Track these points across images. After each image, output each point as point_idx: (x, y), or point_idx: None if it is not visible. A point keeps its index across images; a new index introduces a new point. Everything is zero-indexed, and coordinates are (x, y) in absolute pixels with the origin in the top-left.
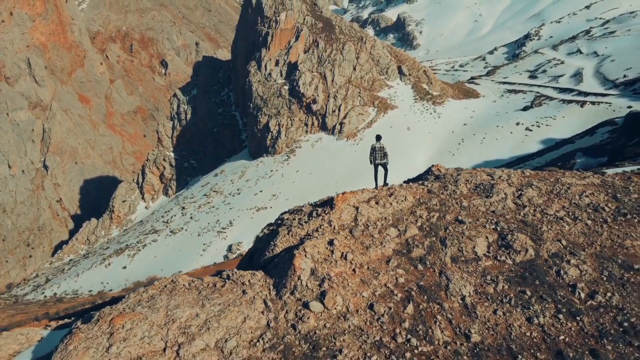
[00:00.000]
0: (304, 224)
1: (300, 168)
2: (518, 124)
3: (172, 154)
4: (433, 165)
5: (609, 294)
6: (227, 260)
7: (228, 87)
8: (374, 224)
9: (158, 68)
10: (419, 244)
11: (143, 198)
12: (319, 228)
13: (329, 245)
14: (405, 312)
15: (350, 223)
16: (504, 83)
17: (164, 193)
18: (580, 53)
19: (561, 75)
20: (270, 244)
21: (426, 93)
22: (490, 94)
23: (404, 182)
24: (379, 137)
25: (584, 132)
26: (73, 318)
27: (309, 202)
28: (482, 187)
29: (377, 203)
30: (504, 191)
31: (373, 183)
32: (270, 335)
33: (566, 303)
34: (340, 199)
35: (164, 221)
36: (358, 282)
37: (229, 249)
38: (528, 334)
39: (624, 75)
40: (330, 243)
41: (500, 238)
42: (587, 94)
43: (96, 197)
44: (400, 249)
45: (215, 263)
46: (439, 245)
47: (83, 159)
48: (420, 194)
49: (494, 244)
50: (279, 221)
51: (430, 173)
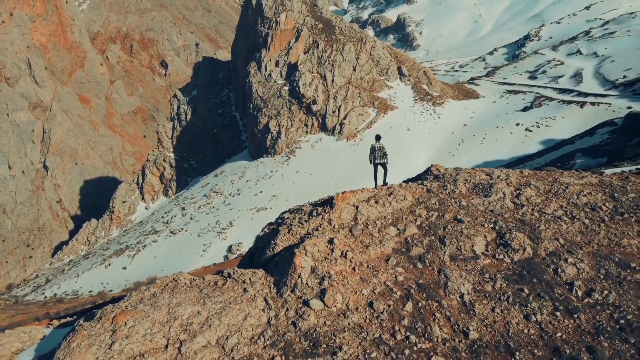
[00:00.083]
0: (304, 223)
1: (300, 169)
2: (518, 124)
3: (172, 155)
4: (432, 165)
5: (605, 292)
6: (227, 261)
7: (228, 88)
8: (374, 223)
9: (158, 69)
10: (418, 243)
11: (143, 199)
12: (319, 227)
13: (329, 244)
14: (405, 310)
15: (350, 222)
16: (504, 84)
17: (164, 194)
18: (580, 54)
19: (561, 76)
20: (271, 243)
21: (426, 94)
22: (490, 95)
23: (404, 182)
24: (378, 137)
25: (583, 133)
26: (75, 317)
27: (309, 202)
28: (481, 187)
29: (377, 202)
30: (503, 190)
31: (373, 183)
32: (271, 333)
33: (563, 301)
34: (340, 198)
35: (164, 222)
36: (358, 280)
37: (229, 249)
38: (525, 331)
39: (624, 76)
40: (330, 242)
41: (498, 237)
42: (587, 95)
43: (96, 198)
44: (400, 247)
45: (215, 264)
46: (437, 243)
47: (83, 159)
48: (420, 193)
49: (492, 242)
50: (280, 220)
51: (429, 173)
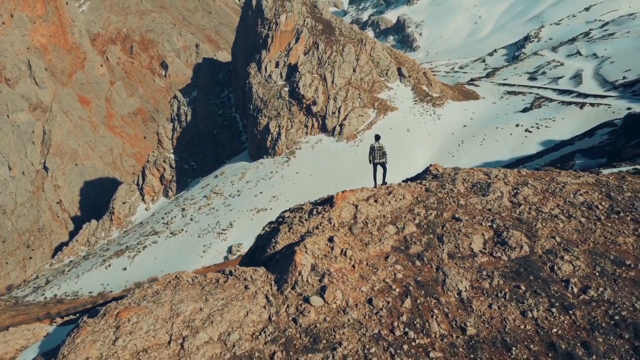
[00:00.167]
0: (304, 222)
1: (300, 169)
2: (518, 125)
3: (172, 156)
4: (431, 165)
5: (601, 289)
6: (227, 261)
7: (228, 89)
8: (373, 222)
9: (158, 70)
10: (417, 241)
11: (143, 199)
12: (319, 225)
13: (329, 242)
14: (403, 307)
15: (349, 220)
16: (504, 85)
17: (164, 194)
18: (580, 55)
19: (561, 77)
20: (272, 241)
21: (426, 95)
22: (490, 96)
23: (403, 182)
24: (377, 137)
25: (583, 134)
26: (78, 315)
27: (310, 201)
28: (479, 186)
29: (376, 201)
30: (500, 190)
31: (372, 183)
32: (272, 329)
33: (559, 297)
34: (340, 197)
35: (164, 223)
36: (357, 278)
37: (229, 250)
38: (522, 327)
39: (623, 77)
40: (330, 240)
41: (496, 235)
42: (587, 96)
43: (96, 199)
44: (399, 245)
45: (215, 264)
46: (436, 242)
47: (83, 160)
48: (418, 192)
49: (490, 240)
50: (280, 219)
51: (428, 172)
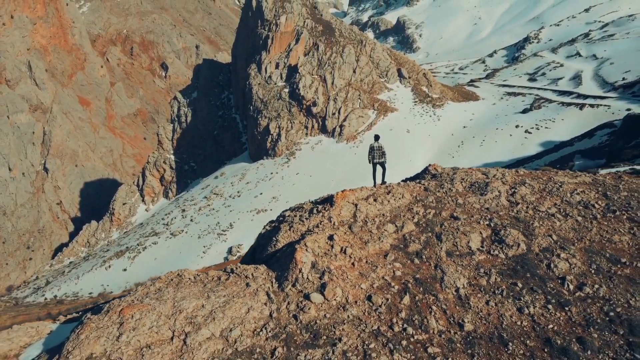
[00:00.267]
0: (304, 220)
1: (301, 170)
2: (517, 126)
3: (173, 157)
4: (430, 165)
5: (596, 286)
6: (227, 262)
7: (228, 90)
8: (373, 220)
9: (158, 71)
10: (416, 239)
11: (143, 200)
12: (319, 224)
13: (329, 240)
14: (402, 303)
15: (349, 219)
16: (504, 86)
17: (164, 195)
18: (580, 56)
19: (560, 78)
20: (272, 240)
21: (426, 96)
22: (490, 97)
23: (402, 181)
24: (377, 137)
25: (582, 135)
26: (81, 313)
27: (310, 200)
28: (477, 185)
29: (376, 200)
30: (498, 189)
31: (372, 184)
32: (273, 325)
33: (555, 294)
34: (339, 196)
35: (164, 223)
36: (357, 275)
37: (229, 251)
38: (519, 323)
39: (623, 78)
40: (330, 238)
41: (493, 233)
42: (586, 97)
43: (96, 200)
44: (398, 243)
45: (215, 265)
46: (434, 240)
47: (83, 161)
48: (417, 191)
49: (488, 239)
50: (281, 218)
51: (427, 172)
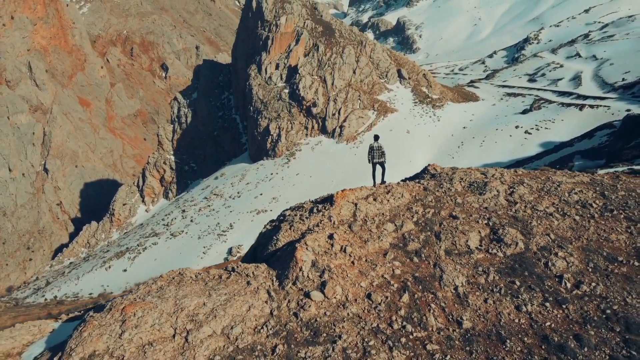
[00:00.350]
0: (305, 220)
1: (301, 171)
2: (517, 127)
3: (173, 157)
4: (429, 165)
5: (593, 284)
6: (227, 262)
7: (228, 91)
8: (372, 219)
9: (158, 71)
10: (415, 238)
11: (143, 201)
12: (319, 223)
13: (329, 239)
14: (401, 301)
15: (349, 218)
16: (504, 86)
17: (164, 196)
18: (579, 57)
19: (560, 79)
20: (273, 239)
21: (426, 96)
22: (490, 98)
23: (401, 181)
24: (377, 137)
25: (582, 135)
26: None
27: (310, 199)
28: (476, 185)
29: (375, 200)
30: (497, 188)
31: (372, 184)
32: (274, 323)
33: (553, 292)
34: (339, 195)
35: (165, 224)
36: (357, 273)
37: (229, 251)
38: (516, 320)
39: (623, 79)
40: (330, 237)
41: (492, 232)
42: (586, 97)
43: (96, 200)
44: (397, 242)
45: (215, 265)
46: (433, 239)
47: (83, 162)
48: (417, 191)
49: (486, 238)
50: (281, 217)
51: (426, 172)
